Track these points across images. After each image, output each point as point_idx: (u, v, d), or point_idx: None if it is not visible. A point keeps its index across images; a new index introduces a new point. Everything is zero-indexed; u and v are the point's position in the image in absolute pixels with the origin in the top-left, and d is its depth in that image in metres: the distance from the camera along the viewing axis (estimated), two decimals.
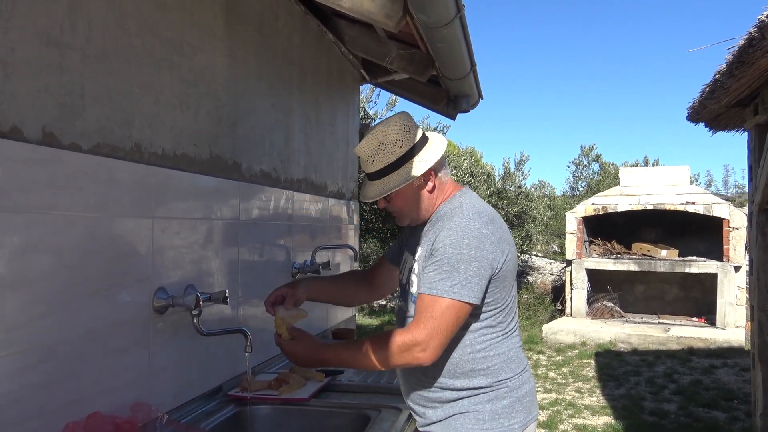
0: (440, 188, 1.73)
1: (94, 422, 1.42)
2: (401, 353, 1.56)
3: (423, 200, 1.71)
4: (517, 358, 1.71)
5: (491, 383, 1.65)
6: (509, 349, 1.69)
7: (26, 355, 1.32)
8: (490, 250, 1.58)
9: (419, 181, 1.68)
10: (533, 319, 10.12)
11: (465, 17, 2.48)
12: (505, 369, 1.67)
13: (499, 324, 1.67)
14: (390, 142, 1.64)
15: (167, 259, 1.83)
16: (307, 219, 3.05)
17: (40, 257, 1.35)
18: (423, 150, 1.67)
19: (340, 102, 3.64)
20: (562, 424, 5.25)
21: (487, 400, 1.64)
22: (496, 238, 1.61)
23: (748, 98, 4.03)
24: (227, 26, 2.21)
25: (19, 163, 1.30)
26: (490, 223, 1.63)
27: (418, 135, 1.69)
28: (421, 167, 1.64)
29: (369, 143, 1.66)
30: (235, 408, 2.02)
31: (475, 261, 1.55)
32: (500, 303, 1.65)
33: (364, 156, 1.68)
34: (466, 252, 1.55)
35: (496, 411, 1.64)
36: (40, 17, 1.36)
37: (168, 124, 1.85)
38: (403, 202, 1.71)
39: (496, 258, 1.59)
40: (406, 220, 1.76)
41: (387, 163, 1.64)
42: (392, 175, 1.64)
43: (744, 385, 6.35)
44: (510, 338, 1.70)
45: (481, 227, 1.60)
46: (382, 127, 1.66)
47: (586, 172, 19.28)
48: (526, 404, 1.69)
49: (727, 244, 8.87)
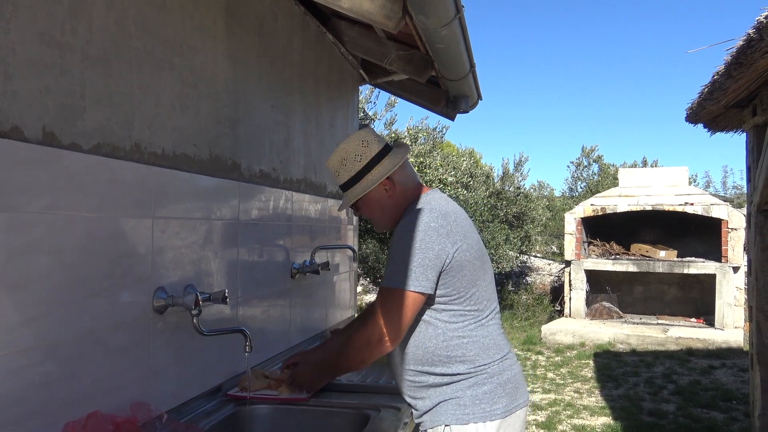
0: (403, 194, 1.86)
1: (94, 421, 1.42)
2: (366, 349, 1.78)
3: (388, 206, 1.86)
4: (495, 345, 1.79)
5: (469, 369, 1.74)
6: (484, 336, 1.78)
7: (26, 354, 1.33)
8: (437, 241, 1.70)
9: (380, 189, 1.83)
10: (532, 320, 10.12)
11: (464, 18, 2.49)
12: (482, 355, 1.75)
13: (470, 312, 1.76)
14: (350, 158, 1.83)
15: (167, 259, 1.84)
16: (306, 219, 3.05)
17: (40, 257, 1.36)
18: (382, 161, 1.82)
19: (339, 102, 3.65)
20: (560, 424, 5.26)
21: (468, 386, 1.74)
22: (445, 231, 1.72)
23: (747, 99, 4.04)
24: (227, 28, 2.22)
25: (20, 163, 1.30)
26: (440, 217, 1.75)
27: (378, 147, 1.84)
28: (377, 176, 1.80)
29: (333, 159, 1.86)
30: (234, 408, 2.02)
31: (419, 252, 1.68)
32: (462, 292, 1.75)
33: (332, 171, 1.89)
34: (415, 245, 1.69)
35: (477, 396, 1.73)
36: (41, 18, 1.37)
37: (168, 125, 1.86)
38: (370, 210, 1.89)
39: (444, 249, 1.70)
40: (379, 226, 1.93)
41: (349, 176, 1.84)
42: (355, 186, 1.83)
43: (742, 385, 6.36)
44: (486, 326, 1.79)
45: (429, 221, 1.72)
46: (343, 144, 1.85)
47: (585, 173, 19.30)
48: (509, 390, 1.77)
49: (726, 244, 8.89)
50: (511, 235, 11.54)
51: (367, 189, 1.81)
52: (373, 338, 1.75)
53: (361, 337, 1.80)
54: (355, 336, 1.85)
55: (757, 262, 4.18)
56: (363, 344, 1.79)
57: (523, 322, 9.92)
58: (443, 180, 9.18)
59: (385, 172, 1.80)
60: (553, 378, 6.82)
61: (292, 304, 2.85)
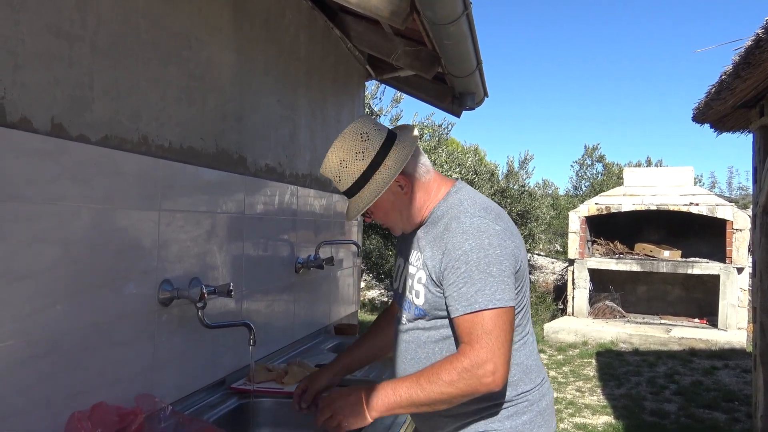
0: (423, 188, 1.55)
1: (99, 412, 1.43)
2: (464, 381, 1.34)
3: (407, 206, 1.54)
4: (537, 367, 1.56)
5: (511, 397, 1.48)
6: (527, 357, 1.53)
7: (32, 345, 1.34)
8: (512, 246, 1.44)
9: (395, 188, 1.51)
10: (535, 318, 10.12)
11: (472, 15, 2.48)
12: (525, 380, 1.51)
13: (516, 330, 1.46)
14: (350, 157, 1.48)
15: (173, 251, 1.84)
16: (311, 214, 3.05)
17: (46, 248, 1.36)
18: (390, 154, 1.48)
19: (345, 98, 3.65)
20: (562, 422, 5.26)
21: (507, 416, 1.48)
22: (509, 233, 1.47)
23: (754, 99, 4.02)
24: (234, 21, 2.22)
25: (28, 154, 1.31)
26: (498, 218, 1.48)
27: (381, 138, 1.49)
28: (388, 174, 1.46)
29: (331, 163, 1.50)
30: (238, 400, 2.03)
31: (504, 260, 1.40)
32: (518, 305, 1.47)
33: (331, 177, 1.53)
34: (491, 252, 1.39)
35: (516, 428, 1.48)
36: (50, 10, 1.37)
37: (175, 118, 1.86)
38: (385, 215, 1.57)
39: (517, 254, 1.45)
40: (397, 230, 1.61)
41: (354, 179, 1.48)
42: (363, 191, 1.48)
43: (745, 386, 6.35)
44: (527, 345, 1.54)
45: (494, 223, 1.44)
46: (338, 142, 1.50)
47: (589, 172, 19.26)
48: (546, 417, 1.54)
49: (730, 245, 8.86)
50: None
51: (379, 191, 1.45)
52: (478, 368, 1.33)
53: (455, 365, 1.35)
54: (445, 368, 1.37)
55: (762, 264, 4.17)
56: (458, 373, 1.34)
57: None
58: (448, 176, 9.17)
59: (397, 166, 1.46)
60: (555, 376, 6.82)
61: (296, 298, 2.85)
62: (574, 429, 5.13)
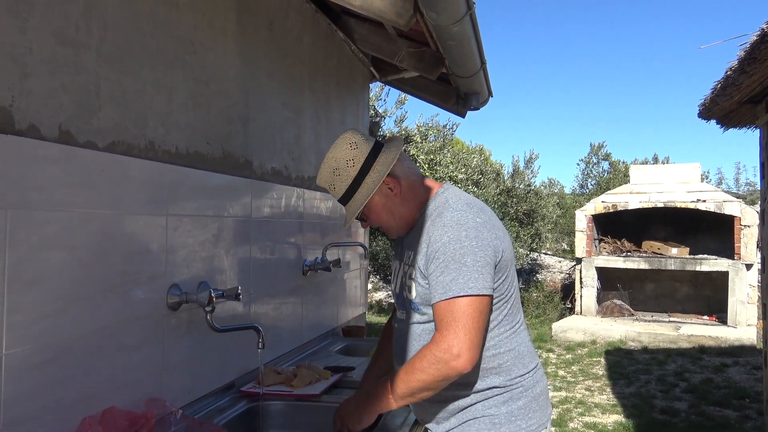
0: (412, 189, 1.66)
1: (110, 417, 1.44)
2: (433, 366, 1.44)
3: (398, 206, 1.65)
4: (529, 353, 1.64)
5: (504, 382, 1.57)
6: (519, 344, 1.61)
7: (43, 350, 1.34)
8: (490, 237, 1.52)
9: (384, 190, 1.62)
10: (543, 318, 10.10)
11: (475, 15, 2.48)
12: (518, 365, 1.59)
13: (506, 318, 1.59)
14: (342, 165, 1.60)
15: (180, 256, 1.85)
16: (317, 216, 3.06)
17: (55, 254, 1.37)
18: (378, 159, 1.60)
19: (350, 100, 3.65)
20: (572, 422, 5.25)
21: (502, 402, 1.56)
22: (490, 225, 1.56)
23: (760, 95, 4.00)
24: (239, 25, 2.23)
25: (36, 161, 1.32)
26: (481, 212, 1.58)
27: (369, 146, 1.62)
28: (377, 176, 1.58)
29: (324, 172, 1.64)
30: (247, 404, 2.04)
31: (480, 251, 1.49)
32: (504, 294, 1.58)
33: (325, 186, 1.65)
34: (467, 243, 1.48)
35: (512, 413, 1.56)
36: (56, 17, 1.38)
37: (181, 123, 1.87)
38: (378, 217, 1.67)
39: (497, 245, 1.53)
40: (392, 232, 1.71)
41: (347, 186, 1.60)
42: (356, 195, 1.60)
43: (755, 383, 6.31)
44: (519, 332, 1.63)
45: (474, 216, 1.54)
46: (331, 153, 1.62)
47: (595, 170, 19.19)
48: (541, 403, 1.62)
49: (739, 242, 8.82)
50: (522, 232, 11.52)
51: (370, 193, 1.57)
52: (446, 353, 1.42)
53: (425, 355, 1.46)
54: (416, 357, 1.50)
55: None
56: (428, 362, 1.45)
57: (533, 320, 9.89)
58: (453, 177, 9.18)
59: (384, 169, 1.58)
60: (564, 376, 6.80)
61: (303, 301, 2.86)
62: (584, 428, 5.12)
